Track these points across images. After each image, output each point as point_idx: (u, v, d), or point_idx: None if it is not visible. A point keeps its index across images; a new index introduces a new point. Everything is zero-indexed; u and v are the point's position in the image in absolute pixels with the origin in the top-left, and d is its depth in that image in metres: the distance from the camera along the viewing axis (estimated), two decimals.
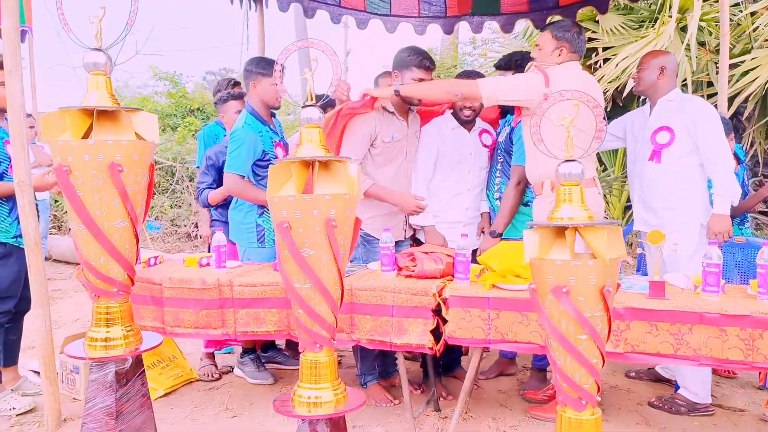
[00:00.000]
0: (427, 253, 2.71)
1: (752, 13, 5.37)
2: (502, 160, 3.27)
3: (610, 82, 5.93)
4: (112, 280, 1.90)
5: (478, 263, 2.70)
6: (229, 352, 3.89)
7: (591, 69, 6.35)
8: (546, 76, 2.79)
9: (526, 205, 3.16)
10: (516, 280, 2.47)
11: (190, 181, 9.86)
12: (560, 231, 1.49)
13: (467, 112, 3.18)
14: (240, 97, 3.76)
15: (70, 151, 1.80)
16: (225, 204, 3.54)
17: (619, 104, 6.13)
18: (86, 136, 1.88)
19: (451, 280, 2.62)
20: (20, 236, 2.99)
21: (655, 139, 3.05)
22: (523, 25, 7.56)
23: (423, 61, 3.03)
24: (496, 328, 2.41)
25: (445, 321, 2.47)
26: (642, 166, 3.11)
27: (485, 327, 2.42)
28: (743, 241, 3.42)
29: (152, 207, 9.50)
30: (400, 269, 2.70)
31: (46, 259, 7.33)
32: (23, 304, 3.09)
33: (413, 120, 3.25)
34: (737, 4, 5.61)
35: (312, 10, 5.02)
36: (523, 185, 3.09)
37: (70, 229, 8.99)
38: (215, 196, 3.53)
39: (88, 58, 1.89)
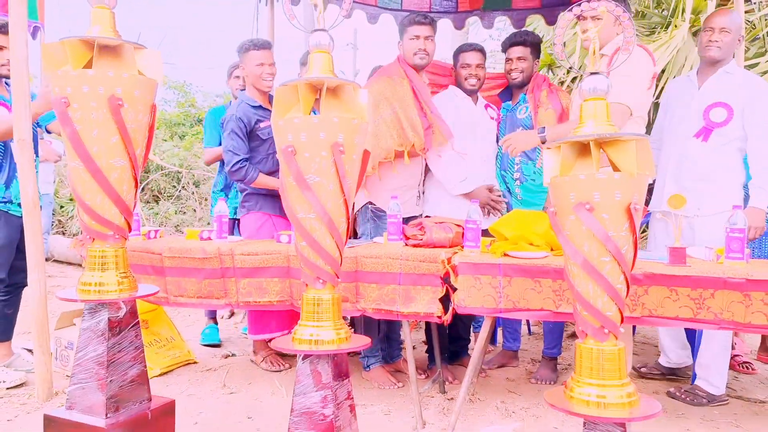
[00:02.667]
0: (436, 222, 2.62)
1: (767, 16, 5.32)
2: None
3: None
4: (108, 222, 1.82)
5: (489, 235, 2.61)
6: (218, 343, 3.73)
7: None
8: (648, 53, 2.75)
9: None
10: (529, 247, 2.37)
11: (195, 187, 9.83)
12: (583, 149, 1.40)
13: (473, 81, 3.14)
14: (265, 46, 3.28)
15: (69, 82, 1.74)
16: None
17: None
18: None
19: (461, 250, 2.52)
20: (9, 201, 2.92)
21: (709, 116, 2.76)
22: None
23: (415, 17, 3.02)
24: (507, 296, 2.31)
25: (454, 289, 2.37)
26: (684, 142, 2.82)
27: (496, 295, 2.32)
28: None
29: (156, 213, 9.45)
30: (407, 238, 2.61)
31: (47, 259, 7.26)
32: (19, 276, 3.00)
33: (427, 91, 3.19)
34: (750, 10, 5.57)
35: (323, 5, 5.00)
36: None
37: (74, 234, 8.91)
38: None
39: None
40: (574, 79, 6.54)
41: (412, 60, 3.00)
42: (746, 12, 5.49)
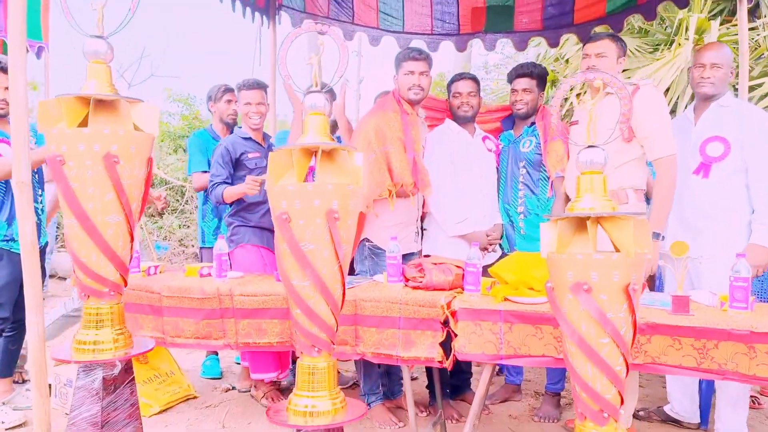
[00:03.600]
0: (435, 264, 2.60)
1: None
2: (525, 172, 3.16)
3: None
4: (103, 279, 1.81)
5: (489, 276, 2.58)
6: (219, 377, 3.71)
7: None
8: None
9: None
10: (529, 292, 2.34)
11: None
12: (581, 224, 1.38)
13: (465, 108, 3.13)
14: (254, 86, 3.39)
15: (64, 140, 1.73)
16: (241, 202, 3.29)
17: None
18: (83, 126, 1.81)
19: (461, 293, 2.50)
20: (11, 239, 2.92)
21: (705, 151, 2.71)
22: (533, 51, 7.56)
23: (410, 53, 3.01)
24: (508, 342, 2.28)
25: (455, 334, 2.34)
26: (684, 180, 2.74)
27: (497, 341, 2.29)
28: None
29: (161, 227, 9.47)
30: (407, 280, 2.59)
31: (51, 276, 7.27)
32: (23, 312, 2.99)
33: (423, 127, 3.17)
34: (754, 28, 5.54)
35: (326, 27, 5.00)
36: None
37: None
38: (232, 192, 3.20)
39: (88, 46, 1.83)
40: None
41: (407, 95, 2.98)
42: (750, 29, 5.46)
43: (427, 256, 3.12)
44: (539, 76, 3.20)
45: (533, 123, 3.20)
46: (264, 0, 4.83)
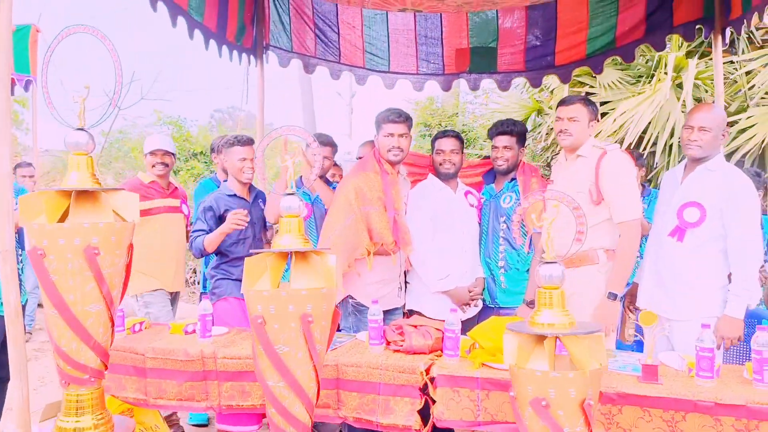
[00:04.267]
0: (415, 326, 2.65)
1: (748, 72, 5.40)
2: (505, 227, 3.23)
3: (608, 137, 5.96)
4: (83, 367, 1.85)
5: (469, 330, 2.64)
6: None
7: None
8: (630, 156, 2.87)
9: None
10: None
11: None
12: (540, 338, 1.44)
13: (447, 166, 3.21)
14: (249, 143, 3.53)
15: (45, 235, 1.78)
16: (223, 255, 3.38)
17: None
18: (64, 216, 1.86)
19: (440, 356, 2.55)
20: None
21: (683, 215, 2.70)
22: (519, 79, 7.66)
23: (389, 115, 3.08)
24: (485, 408, 2.33)
25: (433, 401, 2.39)
26: (661, 238, 2.79)
27: (474, 408, 2.34)
28: None
29: None
30: (388, 343, 2.64)
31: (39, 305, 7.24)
32: (3, 370, 3.02)
33: (404, 184, 3.23)
34: (732, 62, 5.66)
35: (312, 66, 5.10)
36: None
37: None
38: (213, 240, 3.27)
39: (69, 138, 1.89)
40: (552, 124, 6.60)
41: (387, 156, 3.05)
42: (729, 62, 5.58)
43: (410, 311, 3.18)
44: (519, 133, 3.27)
45: (514, 178, 3.27)
46: (251, 41, 4.90)
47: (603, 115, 6.17)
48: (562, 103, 2.94)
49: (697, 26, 4.29)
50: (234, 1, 4.44)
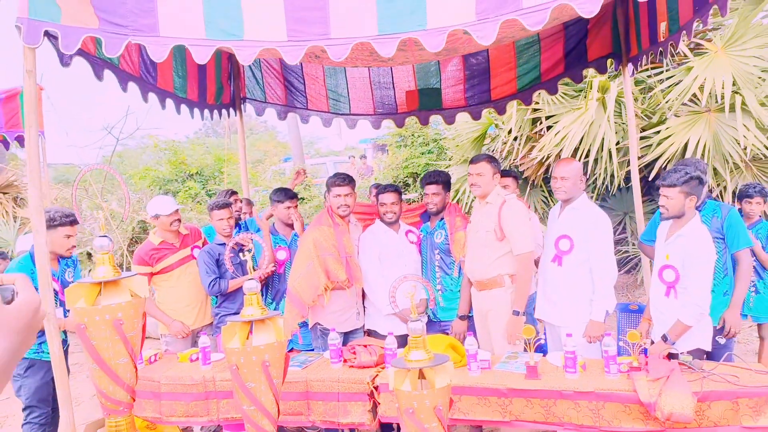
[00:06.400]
0: (365, 345, 3.44)
1: (674, 84, 6.07)
2: (439, 258, 4.01)
3: (555, 146, 6.67)
4: (118, 402, 2.65)
5: None
6: None
7: (537, 136, 7.15)
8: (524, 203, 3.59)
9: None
10: None
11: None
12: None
13: (389, 215, 3.98)
14: (225, 206, 4.38)
15: (85, 314, 2.56)
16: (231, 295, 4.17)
17: None
18: (96, 297, 2.64)
19: (384, 368, 3.34)
20: (41, 351, 3.74)
21: (558, 246, 3.43)
22: None
23: (336, 180, 3.85)
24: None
25: (379, 402, 3.19)
26: (547, 263, 3.53)
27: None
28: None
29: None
30: (345, 360, 3.43)
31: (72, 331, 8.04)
32: (56, 402, 3.81)
33: (356, 229, 4.02)
34: (650, 76, 6.41)
35: (284, 113, 5.88)
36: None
37: None
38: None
39: (96, 243, 2.67)
40: (516, 138, 7.36)
41: (337, 211, 3.83)
42: (657, 73, 6.31)
43: (369, 330, 3.98)
44: (444, 182, 4.05)
45: (443, 218, 4.04)
46: (230, 96, 5.68)
47: (548, 128, 6.93)
48: (472, 161, 3.70)
49: (609, 59, 5.05)
50: (211, 69, 5.21)
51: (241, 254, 3.19)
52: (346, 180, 3.83)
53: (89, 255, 8.38)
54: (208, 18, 2.91)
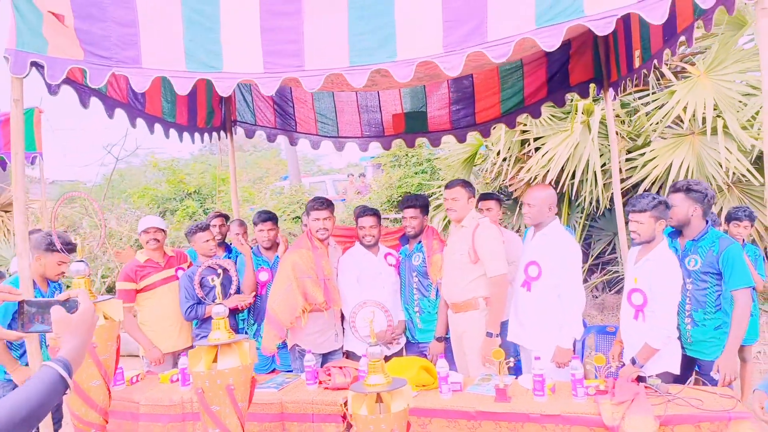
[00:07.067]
0: (340, 367, 3.50)
1: (659, 107, 6.16)
2: (417, 280, 4.08)
3: (542, 168, 6.75)
4: (90, 423, 2.70)
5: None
6: None
7: (525, 157, 7.23)
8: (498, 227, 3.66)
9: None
10: None
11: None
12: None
13: (368, 239, 4.05)
14: (206, 228, 4.55)
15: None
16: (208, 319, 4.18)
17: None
18: None
19: None
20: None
21: (527, 272, 3.48)
22: None
23: (315, 205, 3.91)
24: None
25: (351, 424, 3.23)
26: (517, 288, 3.58)
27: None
28: None
29: None
30: (320, 382, 3.48)
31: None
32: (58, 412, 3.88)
33: (335, 251, 4.09)
34: (635, 100, 6.51)
35: (273, 136, 5.98)
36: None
37: None
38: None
39: (72, 268, 2.74)
40: (505, 159, 7.44)
41: (316, 235, 3.89)
42: (645, 96, 6.40)
43: (347, 351, 4.03)
44: (422, 206, 4.13)
45: (420, 241, 4.12)
46: (220, 120, 5.80)
47: (536, 149, 7.01)
48: (447, 186, 3.78)
49: (591, 84, 5.14)
50: (202, 94, 5.32)
51: (211, 279, 3.24)
52: (325, 204, 3.91)
53: None
54: (189, 51, 3.01)
